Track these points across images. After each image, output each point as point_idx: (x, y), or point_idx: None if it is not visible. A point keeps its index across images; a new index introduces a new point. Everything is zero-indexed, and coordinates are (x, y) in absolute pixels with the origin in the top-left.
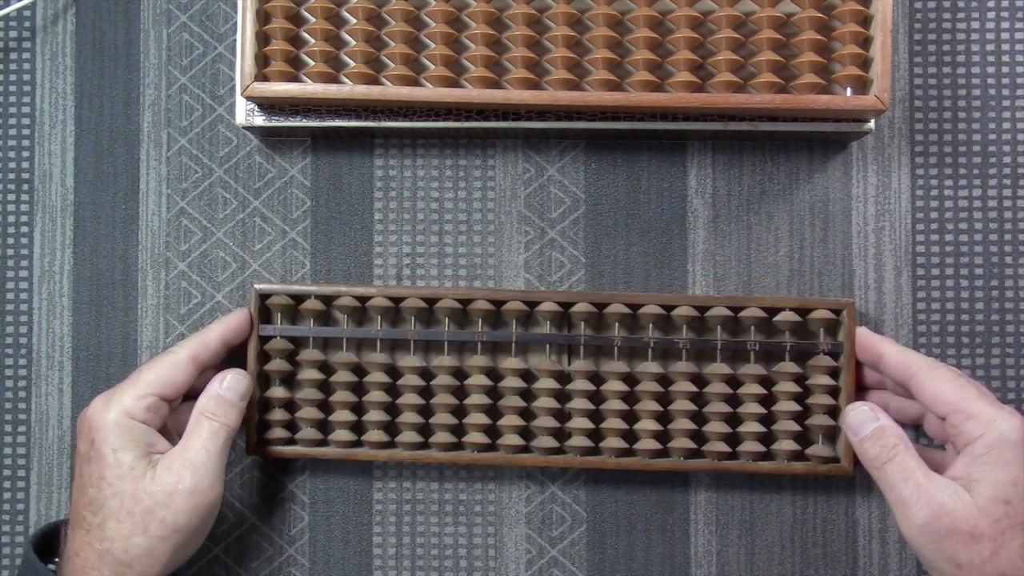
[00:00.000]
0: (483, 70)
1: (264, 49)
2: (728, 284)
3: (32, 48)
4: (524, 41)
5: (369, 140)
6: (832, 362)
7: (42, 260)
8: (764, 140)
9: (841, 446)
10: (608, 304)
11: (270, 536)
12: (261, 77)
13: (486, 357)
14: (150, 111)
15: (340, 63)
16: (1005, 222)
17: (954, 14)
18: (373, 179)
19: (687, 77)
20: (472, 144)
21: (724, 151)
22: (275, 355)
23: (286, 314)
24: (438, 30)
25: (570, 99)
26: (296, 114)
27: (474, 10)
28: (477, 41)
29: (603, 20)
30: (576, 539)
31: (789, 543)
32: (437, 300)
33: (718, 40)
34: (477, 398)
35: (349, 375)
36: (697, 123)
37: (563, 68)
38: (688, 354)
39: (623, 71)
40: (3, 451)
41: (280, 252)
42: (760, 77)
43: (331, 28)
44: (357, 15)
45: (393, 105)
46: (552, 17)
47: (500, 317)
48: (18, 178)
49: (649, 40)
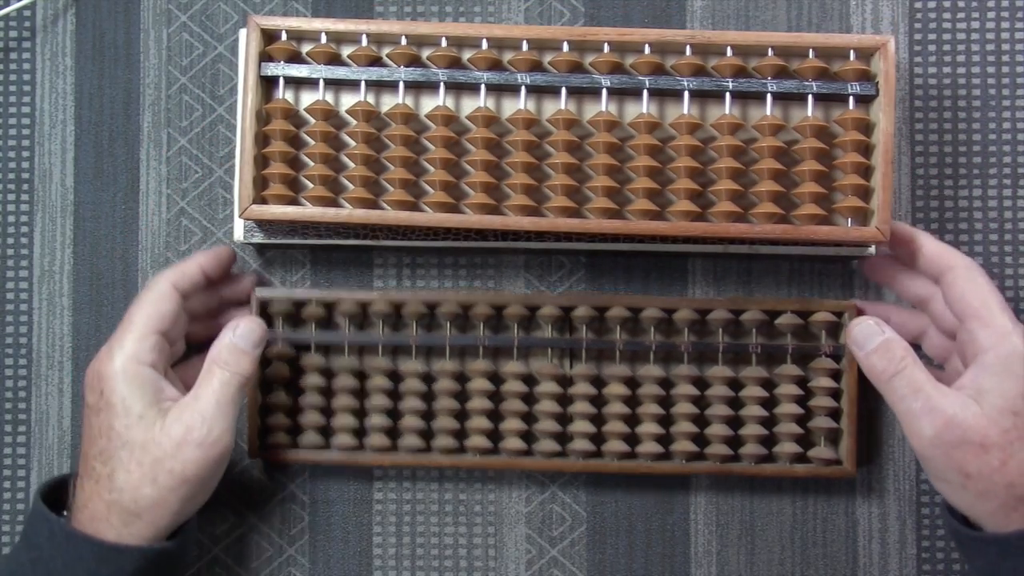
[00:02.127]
0: (483, 196)
1: (262, 172)
2: (728, 284)
3: (32, 48)
4: (524, 167)
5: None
6: (834, 364)
7: (42, 260)
8: None
9: (843, 448)
10: (609, 307)
11: (270, 536)
12: (259, 199)
13: (488, 361)
14: (150, 111)
15: (339, 185)
16: (1005, 222)
17: (954, 14)
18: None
19: (687, 206)
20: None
21: None
22: (277, 360)
23: (287, 319)
24: (438, 155)
25: (569, 226)
26: (295, 233)
27: (474, 135)
28: (477, 166)
29: (603, 147)
30: (576, 539)
31: (789, 543)
32: (438, 304)
33: (719, 169)
34: (479, 402)
35: (351, 380)
36: (698, 245)
37: (563, 195)
38: (690, 357)
39: (623, 198)
40: (3, 451)
41: (280, 252)
42: (760, 207)
43: (330, 151)
44: (356, 139)
45: (392, 227)
46: (552, 143)
47: (501, 321)
48: (18, 178)
49: (649, 168)
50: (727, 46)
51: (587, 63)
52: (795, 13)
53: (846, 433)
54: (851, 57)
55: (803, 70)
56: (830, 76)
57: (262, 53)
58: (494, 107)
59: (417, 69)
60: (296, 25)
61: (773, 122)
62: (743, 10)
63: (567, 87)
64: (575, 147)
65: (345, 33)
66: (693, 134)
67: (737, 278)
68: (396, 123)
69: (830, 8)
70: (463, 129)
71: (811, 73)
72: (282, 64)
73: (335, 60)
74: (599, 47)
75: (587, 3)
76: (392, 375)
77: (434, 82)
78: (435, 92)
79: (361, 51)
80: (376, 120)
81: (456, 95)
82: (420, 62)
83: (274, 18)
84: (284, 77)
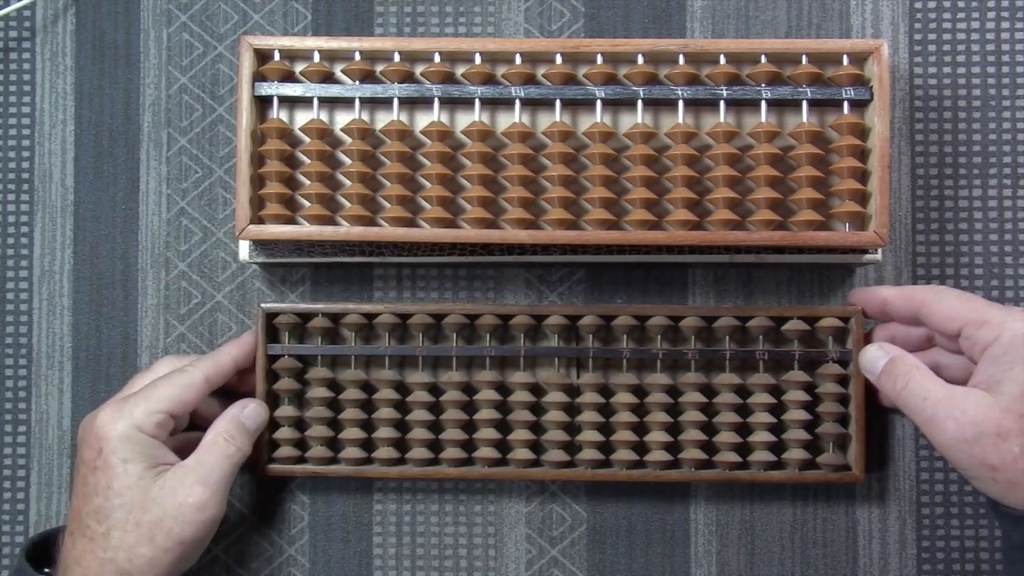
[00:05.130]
0: (480, 210)
1: (259, 192)
2: (728, 292)
3: (32, 48)
4: (520, 180)
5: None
6: (841, 370)
7: (42, 260)
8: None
9: (852, 454)
10: (616, 316)
11: (270, 536)
12: (257, 219)
13: (494, 372)
14: (150, 111)
15: (336, 204)
16: (1005, 222)
17: (954, 14)
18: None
19: (685, 215)
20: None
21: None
22: (283, 374)
23: (294, 333)
24: (434, 171)
25: (567, 238)
26: (295, 252)
27: (469, 150)
28: (473, 181)
29: (599, 158)
30: (576, 539)
31: (789, 543)
32: (444, 316)
33: (715, 177)
34: (486, 413)
35: (358, 392)
36: (698, 255)
37: (560, 207)
38: (697, 365)
39: (620, 208)
40: (3, 451)
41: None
42: (758, 214)
43: (326, 170)
44: (352, 156)
45: (392, 243)
46: (548, 155)
47: (507, 332)
48: (18, 178)
49: (646, 178)
50: (721, 54)
51: (581, 75)
52: (795, 13)
53: (854, 439)
54: (845, 62)
55: (797, 76)
56: (824, 81)
57: (256, 73)
58: (489, 121)
59: (411, 85)
60: (289, 44)
61: (768, 129)
62: (743, 11)
63: (561, 99)
64: (571, 159)
65: (338, 51)
66: (689, 143)
67: (737, 286)
68: (392, 140)
69: (830, 8)
70: (458, 144)
71: (805, 79)
72: (276, 84)
73: (329, 79)
74: (592, 58)
75: (587, 3)
76: (399, 387)
77: (428, 98)
78: (430, 108)
79: (355, 66)
80: (371, 137)
81: (451, 110)
82: (414, 78)
83: (267, 38)
84: (278, 97)
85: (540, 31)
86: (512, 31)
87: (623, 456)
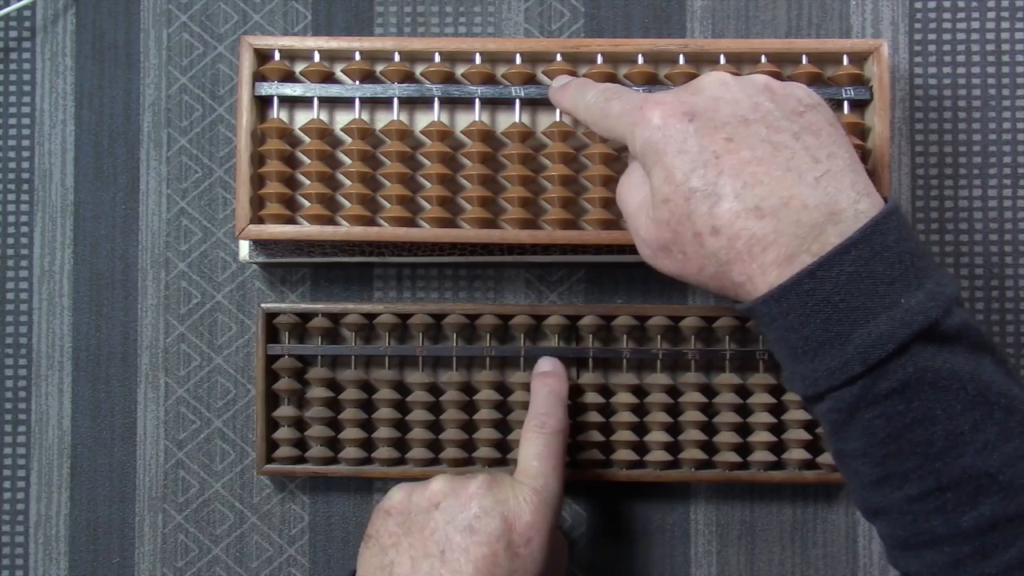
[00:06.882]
0: (479, 210)
1: (259, 192)
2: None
3: (32, 48)
4: (520, 180)
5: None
6: None
7: (42, 260)
8: None
9: None
10: (616, 316)
11: (270, 536)
12: (257, 219)
13: (494, 372)
14: (150, 111)
15: (336, 203)
16: (1005, 222)
17: (954, 14)
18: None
19: None
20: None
21: None
22: (283, 374)
23: (294, 333)
24: (434, 170)
25: (567, 238)
26: (295, 252)
27: (469, 150)
28: (473, 180)
29: (599, 158)
30: (576, 539)
31: (789, 543)
32: (444, 316)
33: None
34: (486, 413)
35: (358, 392)
36: None
37: (560, 207)
38: (697, 364)
39: (618, 208)
40: (3, 451)
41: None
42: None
43: (326, 170)
44: (352, 156)
45: (391, 243)
46: (548, 155)
47: (507, 332)
48: (18, 178)
49: None
50: (720, 54)
51: (581, 74)
52: (795, 13)
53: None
54: (845, 62)
55: (797, 76)
56: (824, 81)
57: (256, 73)
58: (489, 121)
59: (411, 85)
60: (289, 44)
61: None
62: (743, 10)
63: None
64: (571, 159)
65: (338, 51)
66: None
67: None
68: (391, 140)
69: (830, 8)
70: (458, 144)
71: (805, 79)
72: (276, 84)
73: (329, 78)
74: (592, 58)
75: (587, 3)
76: (399, 387)
77: (428, 97)
78: (430, 108)
79: (355, 65)
80: (371, 137)
81: (451, 110)
82: (414, 78)
83: (267, 38)
84: (278, 97)
85: (540, 31)
86: (512, 31)
87: (623, 456)
